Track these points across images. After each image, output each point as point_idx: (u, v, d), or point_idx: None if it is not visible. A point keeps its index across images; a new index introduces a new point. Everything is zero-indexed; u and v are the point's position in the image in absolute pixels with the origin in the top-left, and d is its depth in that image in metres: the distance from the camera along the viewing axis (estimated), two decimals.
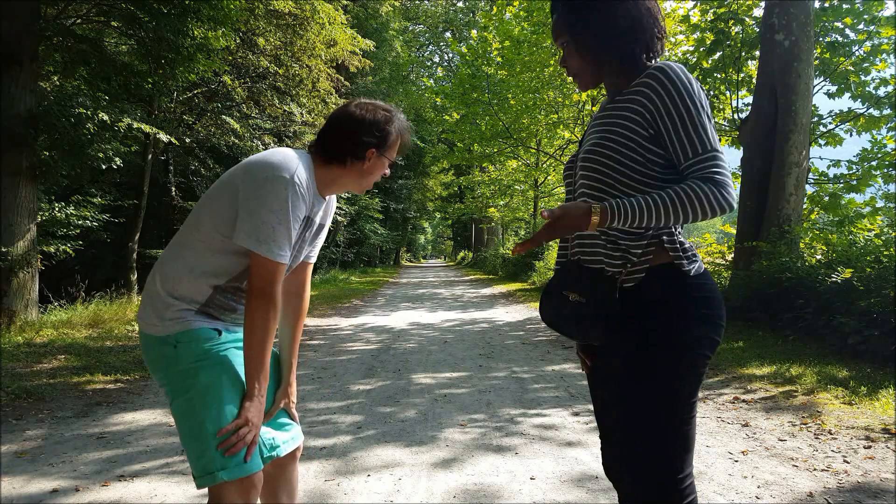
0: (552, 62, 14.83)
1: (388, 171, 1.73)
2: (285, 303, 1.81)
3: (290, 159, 1.53)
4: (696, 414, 1.37)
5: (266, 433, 1.69)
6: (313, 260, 1.85)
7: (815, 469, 2.94)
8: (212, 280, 1.57)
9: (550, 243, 17.88)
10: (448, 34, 33.78)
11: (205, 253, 1.55)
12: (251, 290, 1.51)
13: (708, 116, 1.30)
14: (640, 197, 1.27)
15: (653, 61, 1.42)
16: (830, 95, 9.24)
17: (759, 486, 2.73)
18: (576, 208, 1.26)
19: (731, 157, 11.16)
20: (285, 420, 1.78)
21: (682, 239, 1.38)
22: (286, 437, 1.75)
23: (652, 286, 1.34)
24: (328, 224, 1.83)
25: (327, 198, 1.74)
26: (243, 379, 1.56)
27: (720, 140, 9.36)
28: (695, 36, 10.32)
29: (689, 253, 1.37)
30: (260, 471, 1.54)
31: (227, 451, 1.47)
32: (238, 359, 1.59)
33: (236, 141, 13.96)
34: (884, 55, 8.74)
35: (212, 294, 1.57)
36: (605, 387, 1.47)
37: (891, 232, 6.76)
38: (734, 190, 1.27)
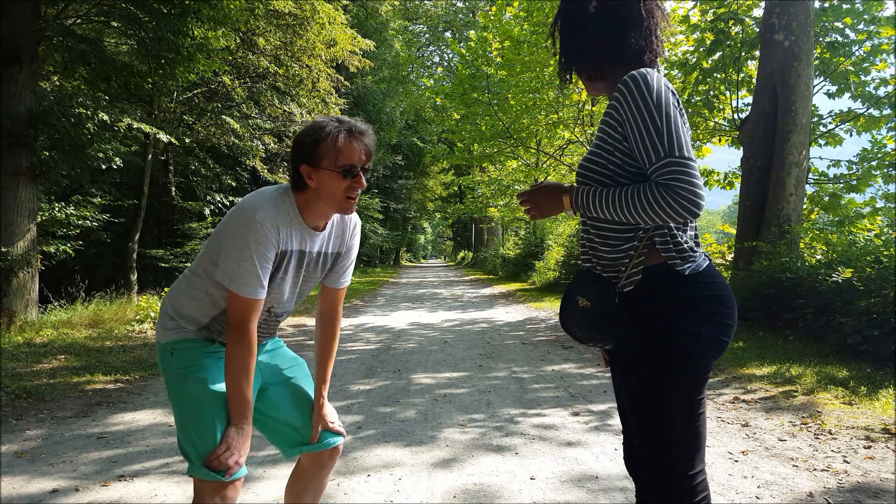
0: (552, 62, 14.83)
1: (355, 183, 1.58)
2: (319, 326, 1.90)
3: (261, 198, 1.60)
4: (703, 411, 1.37)
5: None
6: (344, 285, 1.88)
7: (815, 469, 2.94)
8: (213, 306, 1.67)
9: (553, 245, 17.94)
10: (448, 34, 33.78)
11: (207, 282, 1.65)
12: (228, 326, 1.59)
13: (670, 121, 1.27)
14: (607, 189, 1.33)
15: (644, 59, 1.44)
16: (830, 95, 9.23)
17: (759, 486, 2.73)
18: (548, 186, 1.42)
19: (731, 157, 11.16)
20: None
21: (680, 238, 1.37)
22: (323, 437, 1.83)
23: (647, 287, 1.36)
24: (351, 251, 1.83)
25: (332, 227, 1.73)
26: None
27: (721, 140, 9.18)
28: (695, 36, 10.31)
29: (686, 253, 1.36)
30: (238, 479, 1.59)
31: (210, 467, 1.55)
32: None
33: (236, 141, 13.96)
34: (884, 55, 8.74)
35: (212, 319, 1.68)
36: (620, 386, 1.51)
37: (891, 232, 6.76)
38: (697, 192, 1.23)
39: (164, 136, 9.55)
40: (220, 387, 1.61)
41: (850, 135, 9.52)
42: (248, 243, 1.54)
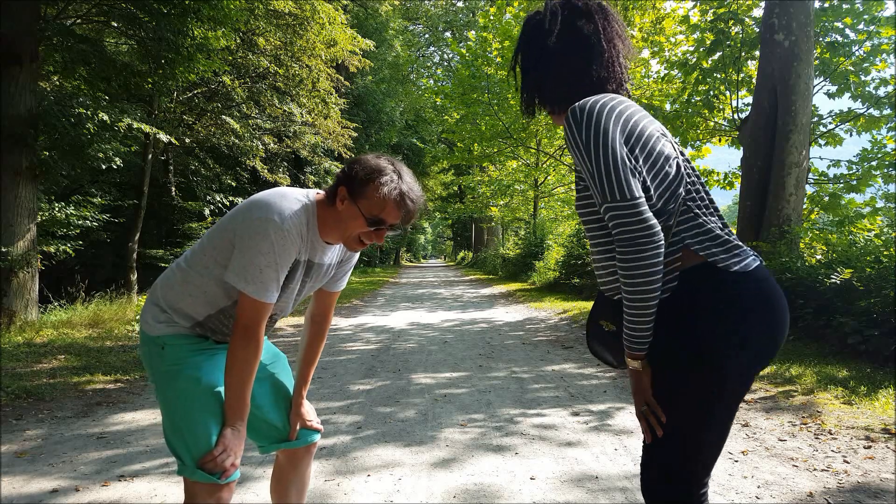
0: None
1: (374, 236, 1.58)
2: (308, 327, 1.90)
3: (287, 202, 1.55)
4: (718, 422, 1.29)
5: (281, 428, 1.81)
6: (339, 289, 1.89)
7: (815, 469, 2.94)
8: (211, 304, 1.62)
9: (553, 245, 17.98)
10: (448, 34, 33.78)
11: (207, 279, 1.60)
12: (236, 327, 1.54)
13: (601, 159, 1.22)
14: (622, 300, 1.27)
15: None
16: (830, 95, 9.23)
17: (759, 486, 2.73)
18: (632, 379, 1.34)
19: (731, 157, 11.16)
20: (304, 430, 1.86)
21: (717, 231, 1.29)
22: (301, 434, 1.84)
23: (686, 291, 1.27)
24: (353, 258, 1.85)
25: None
26: (221, 388, 1.58)
27: (721, 140, 9.15)
28: (695, 36, 10.32)
29: (730, 244, 1.28)
30: (233, 481, 1.57)
31: (205, 469, 1.52)
32: (222, 363, 1.62)
33: (236, 141, 13.97)
34: (884, 55, 8.74)
35: (207, 317, 1.63)
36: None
37: (891, 232, 6.76)
38: (639, 230, 1.19)
39: (164, 136, 9.55)
40: (214, 386, 1.57)
41: (850, 135, 9.52)
42: (273, 248, 1.50)
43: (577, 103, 1.30)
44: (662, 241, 1.20)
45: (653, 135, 1.30)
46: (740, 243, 1.30)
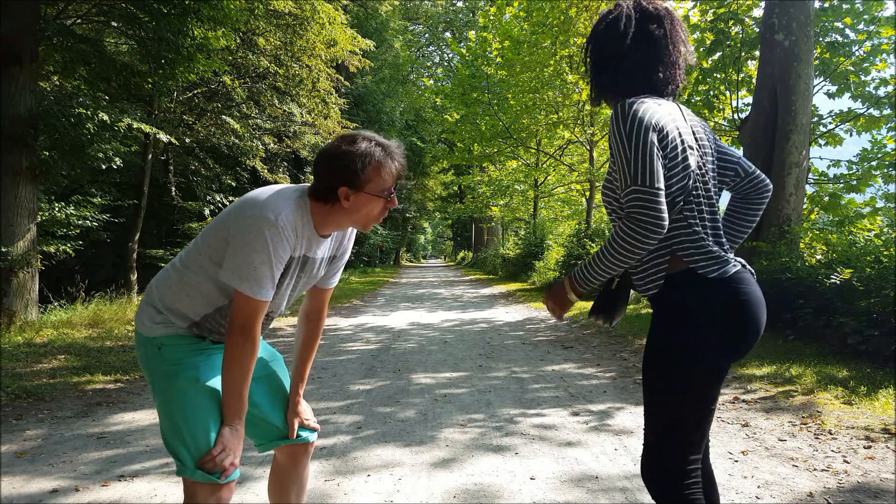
0: (552, 62, 14.82)
1: (390, 204, 1.63)
2: (303, 325, 1.90)
3: (281, 199, 1.55)
4: (693, 408, 1.45)
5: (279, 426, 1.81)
6: (332, 286, 1.89)
7: (815, 469, 2.94)
8: (207, 304, 1.62)
9: (553, 245, 17.97)
10: (448, 34, 33.77)
11: (202, 278, 1.59)
12: (232, 326, 1.53)
13: (638, 150, 1.34)
14: (595, 253, 1.44)
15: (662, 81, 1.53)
16: (830, 95, 9.22)
17: (759, 486, 2.73)
18: (556, 288, 1.55)
19: None
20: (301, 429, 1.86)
21: (704, 242, 1.43)
22: (299, 433, 1.84)
23: (670, 291, 1.44)
24: (346, 254, 1.85)
25: (338, 233, 1.74)
26: (220, 387, 1.58)
27: (721, 140, 9.34)
28: (695, 36, 10.31)
29: (713, 254, 1.42)
30: (233, 480, 1.57)
31: (205, 469, 1.52)
32: (220, 363, 1.62)
33: (236, 141, 13.96)
34: (884, 55, 8.73)
35: (204, 317, 1.63)
36: None
37: (891, 232, 6.76)
38: (654, 218, 1.31)
39: (164, 136, 9.55)
40: (212, 386, 1.58)
41: (850, 135, 9.51)
42: (268, 246, 1.49)
43: (627, 99, 1.41)
44: (663, 234, 1.34)
45: (677, 146, 1.42)
46: (722, 253, 1.44)
